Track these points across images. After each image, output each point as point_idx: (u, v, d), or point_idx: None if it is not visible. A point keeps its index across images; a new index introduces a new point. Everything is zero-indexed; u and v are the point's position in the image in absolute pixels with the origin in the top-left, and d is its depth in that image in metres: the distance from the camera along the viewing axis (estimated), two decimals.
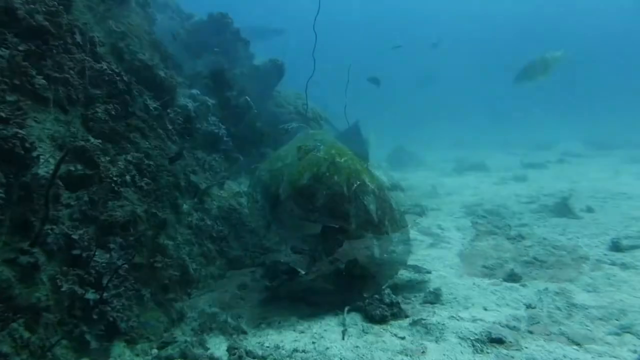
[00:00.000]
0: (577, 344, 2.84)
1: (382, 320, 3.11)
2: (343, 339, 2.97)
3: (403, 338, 2.97)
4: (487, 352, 2.75)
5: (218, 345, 2.92)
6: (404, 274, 4.10)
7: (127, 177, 3.35)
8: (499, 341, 2.82)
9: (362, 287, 3.45)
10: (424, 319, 3.09)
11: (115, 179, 3.20)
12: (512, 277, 4.14)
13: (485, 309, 3.38)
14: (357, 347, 2.88)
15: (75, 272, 2.43)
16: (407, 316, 3.24)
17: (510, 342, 2.82)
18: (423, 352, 2.78)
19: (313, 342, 2.95)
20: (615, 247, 4.81)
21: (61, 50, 3.39)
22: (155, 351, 2.73)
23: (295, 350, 2.85)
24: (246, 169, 6.03)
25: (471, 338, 2.91)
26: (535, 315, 3.22)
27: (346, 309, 3.29)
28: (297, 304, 3.55)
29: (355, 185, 3.78)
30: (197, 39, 6.09)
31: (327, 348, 2.86)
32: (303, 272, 3.40)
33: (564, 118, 32.31)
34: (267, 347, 2.91)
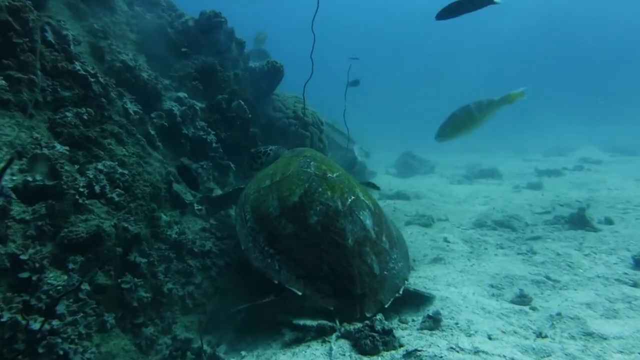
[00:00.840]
0: None
1: (372, 351, 2.86)
2: None
3: None
4: None
5: None
6: (402, 294, 3.87)
7: (96, 188, 3.15)
8: None
9: (363, 307, 3.24)
10: (420, 350, 2.83)
11: (81, 190, 3.00)
12: (522, 299, 3.87)
13: (490, 338, 3.12)
14: None
15: (21, 298, 2.22)
16: (401, 345, 2.99)
17: None
18: None
19: None
20: (637, 264, 4.51)
21: (26, 48, 3.20)
22: None
23: None
24: (238, 178, 5.83)
25: None
26: (546, 347, 2.94)
27: (334, 336, 3.05)
28: (282, 328, 3.32)
29: (350, 200, 3.68)
30: (188, 38, 5.91)
31: None
32: (299, 293, 3.20)
33: (582, 122, 31.78)
34: None
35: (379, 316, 3.06)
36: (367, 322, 3.04)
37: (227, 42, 6.44)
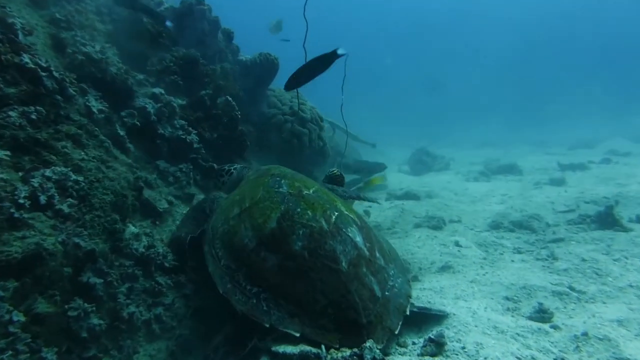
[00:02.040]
0: None
1: None
2: None
3: None
4: None
5: None
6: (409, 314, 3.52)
7: (42, 198, 2.85)
8: None
9: (372, 337, 2.87)
10: None
11: (21, 201, 2.70)
12: (541, 314, 3.49)
13: None
14: None
15: None
16: None
17: None
18: None
19: None
20: None
21: None
22: None
23: None
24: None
25: None
26: None
27: None
28: (261, 356, 2.98)
29: (334, 216, 3.33)
30: (167, 28, 5.61)
31: None
32: (297, 334, 2.85)
33: (609, 113, 30.94)
34: None
35: (369, 343, 2.71)
36: (355, 350, 2.69)
37: (212, 31, 6.14)
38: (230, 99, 5.91)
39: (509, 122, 33.76)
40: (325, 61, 4.27)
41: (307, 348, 2.83)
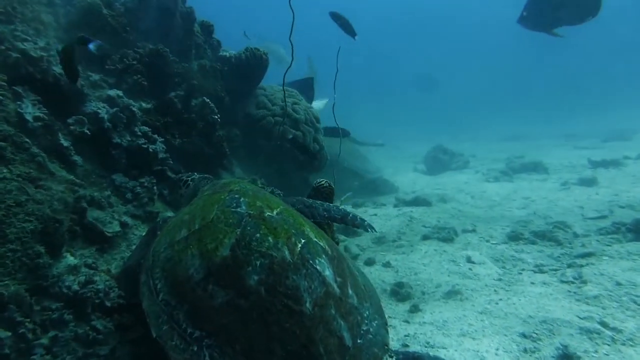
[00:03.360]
0: None
1: None
2: None
3: None
4: None
5: None
6: None
7: None
8: None
9: None
10: None
11: None
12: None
13: None
14: None
15: None
16: None
17: None
18: None
19: None
20: None
21: None
22: None
23: None
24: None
25: None
26: None
27: None
28: None
29: (300, 245, 2.76)
30: (131, 21, 5.16)
31: None
32: None
33: None
34: None
35: None
36: None
37: (187, 25, 5.66)
38: (207, 100, 5.44)
39: (538, 112, 32.74)
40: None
41: None
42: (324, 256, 2.79)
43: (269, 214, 2.94)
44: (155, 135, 4.67)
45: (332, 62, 7.01)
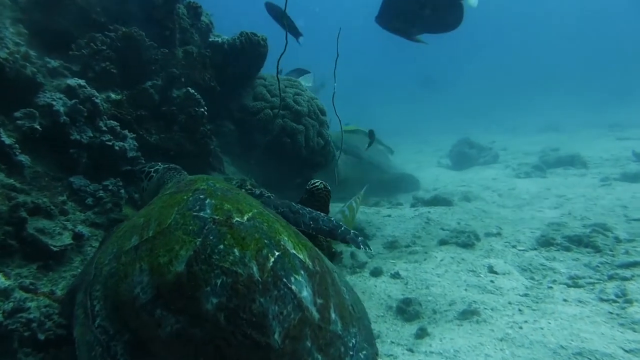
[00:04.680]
0: None
1: None
2: None
3: None
4: None
5: None
6: None
7: None
8: None
9: None
10: None
11: None
12: None
13: None
14: None
15: None
16: None
17: None
18: None
19: None
20: None
21: None
22: None
23: None
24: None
25: None
26: None
27: None
28: None
29: (273, 259, 2.22)
30: (103, 3, 4.74)
31: None
32: None
33: None
34: None
35: None
36: None
37: (168, 5, 5.22)
38: (192, 91, 5.00)
39: (580, 101, 31.38)
40: None
41: None
42: (302, 272, 2.26)
43: (238, 219, 2.40)
44: (126, 131, 4.25)
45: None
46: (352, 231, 3.27)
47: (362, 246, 3.18)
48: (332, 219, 3.42)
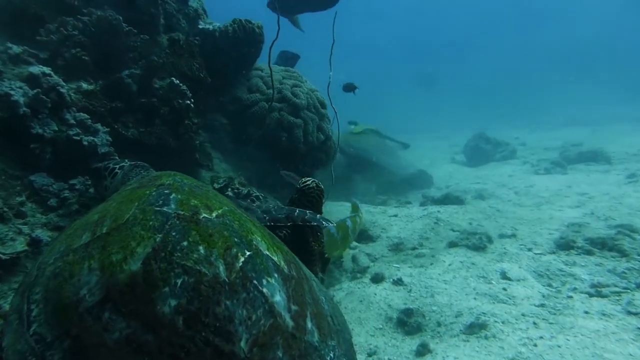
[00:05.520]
0: None
1: None
2: None
3: None
4: None
5: None
6: None
7: None
8: None
9: None
10: None
11: None
12: None
13: None
14: None
15: None
16: None
17: None
18: None
19: None
20: None
21: None
22: None
23: None
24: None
25: None
26: None
27: None
28: None
29: (243, 259, 1.91)
30: None
31: None
32: None
33: None
34: None
35: None
36: None
37: None
38: (177, 82, 4.69)
39: (604, 94, 30.50)
40: None
41: None
42: (275, 275, 1.95)
43: (206, 215, 2.08)
44: (98, 125, 3.95)
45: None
46: (307, 212, 3.03)
47: (324, 223, 2.96)
48: (284, 207, 3.19)
